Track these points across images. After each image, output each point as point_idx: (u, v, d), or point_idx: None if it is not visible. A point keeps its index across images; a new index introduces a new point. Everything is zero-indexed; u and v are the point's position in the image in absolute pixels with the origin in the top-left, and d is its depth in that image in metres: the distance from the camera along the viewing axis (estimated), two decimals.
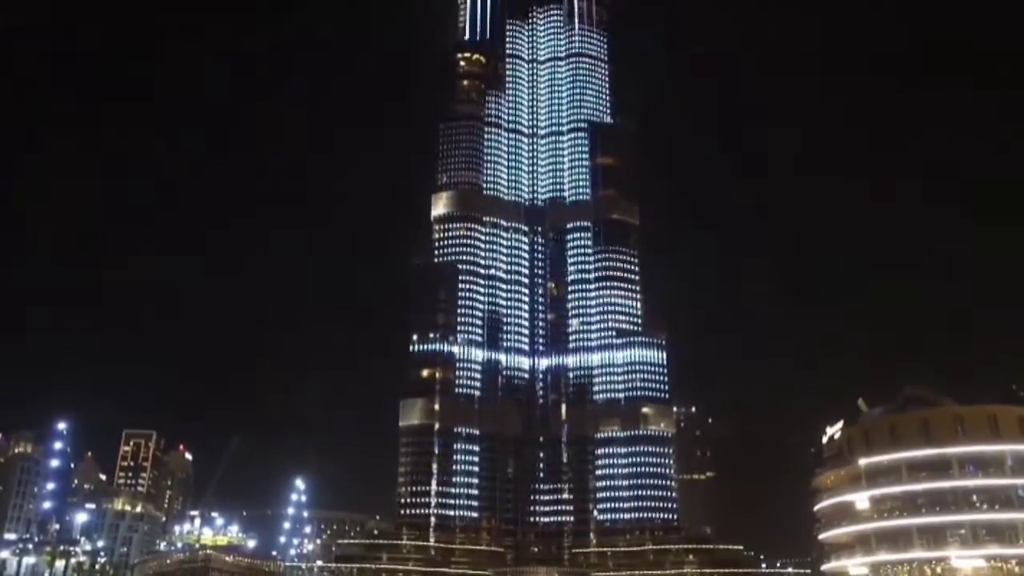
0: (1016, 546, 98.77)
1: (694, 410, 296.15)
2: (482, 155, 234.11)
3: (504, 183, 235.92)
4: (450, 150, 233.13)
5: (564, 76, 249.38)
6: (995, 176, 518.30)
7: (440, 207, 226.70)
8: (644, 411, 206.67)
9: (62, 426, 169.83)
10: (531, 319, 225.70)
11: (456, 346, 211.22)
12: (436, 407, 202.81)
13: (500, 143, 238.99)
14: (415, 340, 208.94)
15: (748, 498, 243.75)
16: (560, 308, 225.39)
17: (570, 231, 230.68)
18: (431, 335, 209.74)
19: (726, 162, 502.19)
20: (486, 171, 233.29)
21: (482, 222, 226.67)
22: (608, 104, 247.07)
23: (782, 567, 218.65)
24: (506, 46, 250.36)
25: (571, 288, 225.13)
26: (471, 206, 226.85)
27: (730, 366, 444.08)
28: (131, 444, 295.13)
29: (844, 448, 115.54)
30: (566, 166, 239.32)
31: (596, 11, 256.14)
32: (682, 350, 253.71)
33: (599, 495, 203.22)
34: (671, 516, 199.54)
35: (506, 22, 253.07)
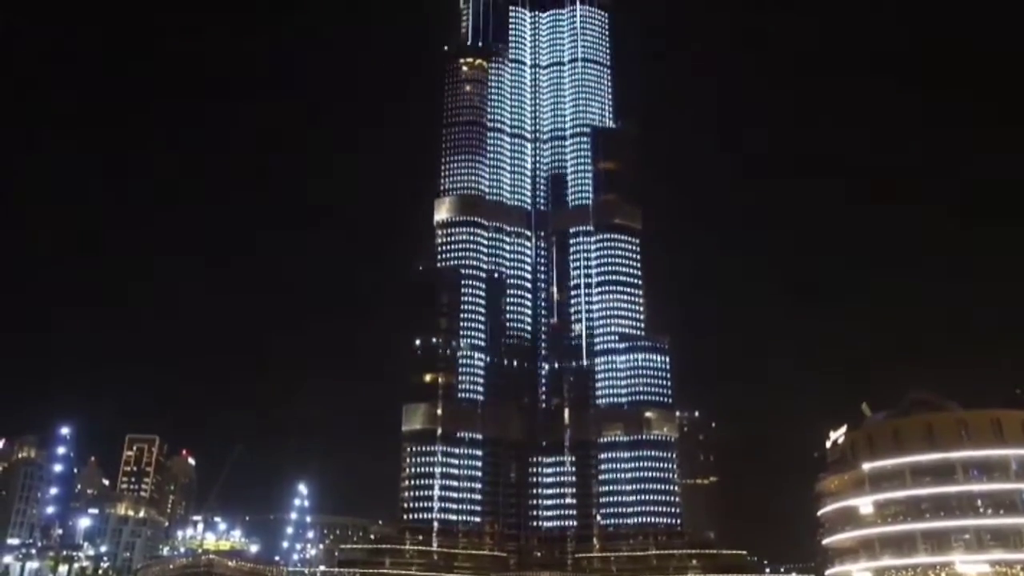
0: (1021, 551, 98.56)
1: (697, 414, 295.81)
2: (485, 160, 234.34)
3: (507, 187, 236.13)
4: (453, 155, 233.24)
5: (567, 80, 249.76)
6: (995, 176, 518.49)
7: (443, 212, 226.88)
8: (647, 415, 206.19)
9: (65, 431, 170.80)
10: (534, 323, 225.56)
11: (459, 351, 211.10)
12: (439, 411, 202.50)
13: (503, 147, 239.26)
14: (417, 344, 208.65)
15: (751, 503, 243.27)
16: (563, 312, 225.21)
17: (573, 235, 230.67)
18: (434, 339, 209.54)
19: (726, 162, 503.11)
20: (489, 176, 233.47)
21: (485, 227, 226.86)
22: (610, 108, 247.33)
23: (786, 572, 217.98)
24: (509, 50, 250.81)
25: (573, 292, 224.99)
26: (474, 211, 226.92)
27: (731, 367, 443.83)
28: (134, 449, 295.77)
29: (848, 452, 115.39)
30: (568, 170, 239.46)
31: (598, 15, 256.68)
32: (685, 353, 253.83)
33: (602, 500, 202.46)
34: (674, 521, 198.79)
35: (508, 26, 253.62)
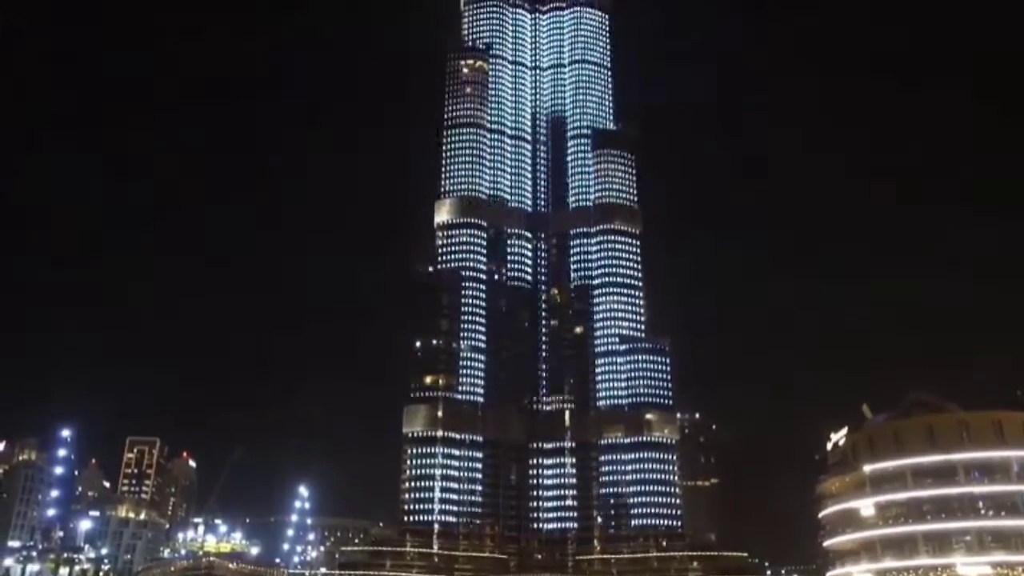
0: (1022, 553, 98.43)
1: (697, 416, 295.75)
2: (485, 161, 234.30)
3: (507, 189, 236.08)
4: (453, 157, 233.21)
5: (567, 82, 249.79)
6: (995, 176, 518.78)
7: (443, 214, 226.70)
8: (648, 417, 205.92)
9: (66, 433, 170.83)
10: (534, 325, 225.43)
11: (459, 352, 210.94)
12: (439, 413, 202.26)
13: (503, 149, 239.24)
14: (418, 346, 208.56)
15: (752, 505, 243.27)
16: (563, 314, 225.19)
17: (573, 236, 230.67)
18: (434, 341, 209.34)
19: (726, 162, 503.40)
20: (489, 177, 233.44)
21: (485, 228, 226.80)
22: (610, 109, 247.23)
23: (787, 574, 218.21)
24: (509, 51, 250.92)
25: (574, 294, 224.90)
26: (474, 212, 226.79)
27: (731, 367, 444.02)
28: (135, 451, 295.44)
29: (849, 454, 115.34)
30: (569, 172, 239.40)
31: (598, 16, 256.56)
32: (685, 355, 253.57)
33: (603, 502, 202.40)
34: (675, 523, 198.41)
35: (508, 27, 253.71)
